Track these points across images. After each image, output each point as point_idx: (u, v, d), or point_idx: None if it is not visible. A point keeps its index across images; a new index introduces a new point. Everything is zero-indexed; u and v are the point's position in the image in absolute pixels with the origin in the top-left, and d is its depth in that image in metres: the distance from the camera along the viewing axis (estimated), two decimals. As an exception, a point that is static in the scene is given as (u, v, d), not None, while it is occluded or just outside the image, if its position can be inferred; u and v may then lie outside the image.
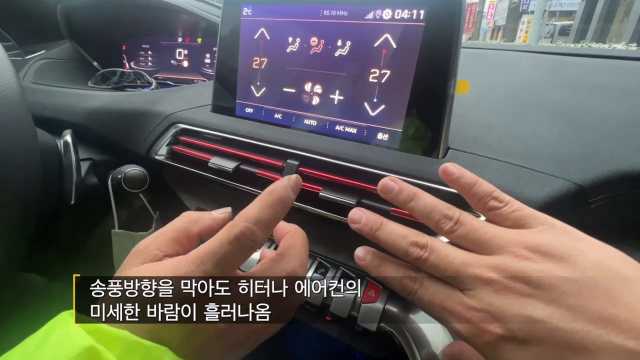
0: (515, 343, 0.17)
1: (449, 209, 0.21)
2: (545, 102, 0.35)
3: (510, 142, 0.30)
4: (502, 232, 0.19)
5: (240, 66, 0.39)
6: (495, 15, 11.61)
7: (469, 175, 0.22)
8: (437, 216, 0.21)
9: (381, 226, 0.22)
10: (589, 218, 0.30)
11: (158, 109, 0.46)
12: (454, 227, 0.20)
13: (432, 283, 0.20)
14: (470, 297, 0.18)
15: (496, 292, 0.18)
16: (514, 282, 0.17)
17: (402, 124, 0.31)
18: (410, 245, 0.20)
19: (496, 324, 0.17)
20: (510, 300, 0.17)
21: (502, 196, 0.21)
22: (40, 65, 0.65)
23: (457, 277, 0.19)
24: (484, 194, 0.21)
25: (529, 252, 0.18)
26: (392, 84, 0.31)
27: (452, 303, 0.19)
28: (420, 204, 0.22)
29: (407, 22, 0.29)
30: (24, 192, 0.29)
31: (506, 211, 0.21)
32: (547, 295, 0.17)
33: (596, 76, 0.39)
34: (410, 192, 0.22)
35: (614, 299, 0.16)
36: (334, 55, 0.33)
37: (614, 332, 0.15)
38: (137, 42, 0.74)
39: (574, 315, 0.16)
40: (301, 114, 0.36)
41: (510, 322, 0.17)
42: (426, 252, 0.20)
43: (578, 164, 0.28)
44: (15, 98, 0.29)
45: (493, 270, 0.18)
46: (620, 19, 6.05)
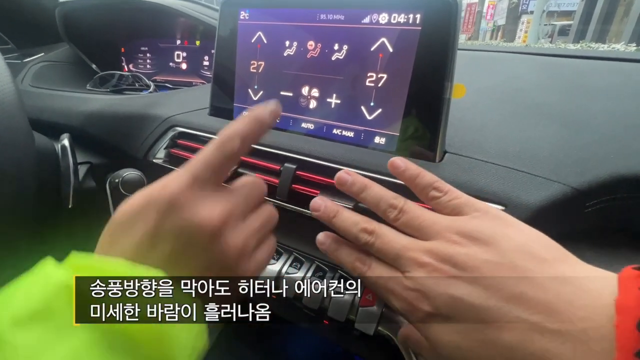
0: (441, 319, 0.19)
1: (395, 198, 0.23)
2: (542, 105, 0.35)
3: (506, 146, 0.30)
4: (440, 219, 0.22)
5: (237, 69, 0.39)
6: (494, 16, 11.62)
7: (413, 168, 0.24)
8: (384, 205, 0.23)
9: (337, 214, 0.25)
10: (584, 221, 0.30)
11: (156, 112, 0.46)
12: (398, 215, 0.23)
13: (378, 266, 0.23)
14: (407, 278, 0.21)
15: (428, 273, 0.20)
16: (444, 264, 0.20)
17: (399, 128, 0.31)
18: (360, 231, 0.23)
19: (426, 302, 0.19)
20: (439, 280, 0.19)
21: (442, 186, 0.23)
22: (38, 68, 0.65)
23: (398, 260, 0.21)
24: (425, 184, 0.23)
25: (459, 237, 0.20)
26: (388, 87, 0.31)
27: (392, 283, 0.21)
28: (370, 194, 0.24)
29: (404, 27, 0.29)
30: (21, 196, 0.29)
31: (445, 200, 0.23)
32: (469, 276, 0.19)
33: (593, 79, 0.39)
34: (362, 183, 0.25)
35: (528, 279, 0.18)
36: (330, 59, 0.33)
37: (521, 308, 0.17)
38: (135, 44, 0.74)
39: (489, 293, 0.18)
40: (298, 118, 0.36)
41: (436, 300, 0.19)
42: (373, 237, 0.22)
43: (574, 168, 0.28)
44: (12, 102, 0.29)
45: (427, 254, 0.20)
46: (620, 19, 6.05)
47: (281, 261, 0.39)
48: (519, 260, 0.18)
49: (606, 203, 0.28)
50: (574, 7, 8.25)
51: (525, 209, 0.26)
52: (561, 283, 0.17)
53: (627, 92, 0.36)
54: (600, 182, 0.27)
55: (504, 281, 0.18)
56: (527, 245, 0.19)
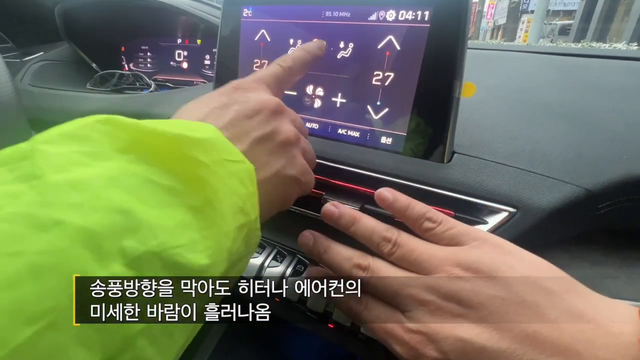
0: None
1: (387, 230, 0.22)
2: (552, 104, 0.35)
3: (516, 146, 0.30)
4: (437, 251, 0.20)
5: (240, 68, 0.39)
6: (495, 15, 11.60)
7: (403, 199, 0.23)
8: (377, 239, 0.22)
9: (327, 248, 0.23)
10: (596, 223, 0.29)
11: (157, 111, 0.45)
12: (392, 249, 0.21)
13: (375, 304, 0.21)
14: (408, 318, 0.19)
15: (431, 312, 0.18)
16: (447, 302, 0.18)
17: (406, 128, 0.30)
18: (353, 267, 0.21)
19: (431, 346, 0.18)
20: (443, 320, 0.18)
21: (435, 216, 0.22)
22: (38, 67, 0.64)
23: (396, 297, 0.20)
24: (417, 216, 0.22)
25: (461, 270, 0.19)
26: (395, 86, 0.30)
27: (392, 325, 0.20)
28: (360, 228, 0.23)
29: (412, 24, 0.29)
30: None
31: (440, 230, 0.21)
32: (476, 315, 0.17)
33: (604, 78, 0.38)
34: (350, 216, 0.24)
35: (539, 315, 0.17)
36: (336, 58, 0.33)
37: (537, 350, 0.16)
38: (136, 43, 0.74)
39: (500, 334, 0.17)
40: (303, 117, 0.36)
41: (443, 344, 0.18)
42: (367, 274, 0.21)
43: (587, 169, 0.27)
44: (10, 101, 0.28)
45: (428, 291, 0.19)
46: (621, 19, 6.04)
47: (284, 264, 0.38)
48: (527, 294, 0.17)
49: (619, 204, 0.28)
50: (574, 6, 8.24)
51: (537, 211, 0.25)
52: (575, 318, 0.16)
53: (638, 91, 0.35)
54: (614, 183, 0.26)
55: (514, 319, 0.17)
56: (533, 276, 0.18)
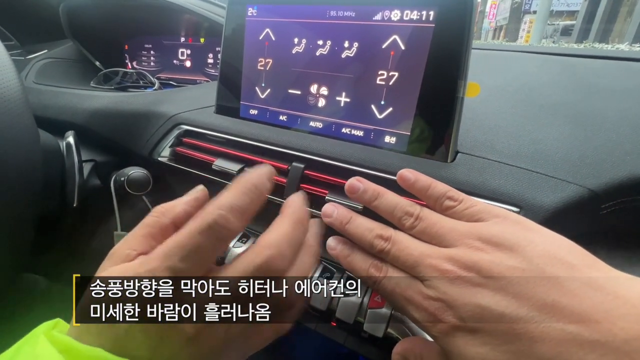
0: (467, 332, 0.18)
1: (411, 206, 0.22)
2: (555, 104, 0.35)
3: (520, 146, 0.30)
4: (459, 225, 0.21)
5: (244, 67, 0.39)
6: (497, 15, 11.57)
7: (424, 179, 0.24)
8: (400, 213, 0.22)
9: (350, 220, 0.23)
10: (599, 224, 0.29)
11: (161, 110, 0.46)
12: (414, 222, 0.22)
13: (395, 273, 0.21)
14: (427, 286, 0.19)
15: (450, 281, 0.18)
16: (467, 272, 0.18)
17: (410, 127, 0.31)
18: (375, 237, 0.22)
19: (450, 312, 0.18)
20: (463, 289, 0.18)
21: (456, 195, 0.22)
22: (42, 65, 0.64)
23: (417, 267, 0.20)
24: (439, 195, 0.23)
25: (481, 243, 0.19)
26: (400, 86, 0.30)
27: (411, 292, 0.20)
28: (383, 202, 0.23)
29: (416, 24, 0.29)
30: (26, 194, 0.29)
31: (460, 208, 0.22)
32: (496, 284, 0.18)
33: (606, 78, 0.38)
34: (374, 191, 0.24)
35: (558, 286, 0.17)
36: (340, 57, 0.33)
37: (555, 318, 0.16)
38: (139, 41, 0.74)
39: (519, 302, 0.17)
40: (306, 116, 0.36)
41: (461, 310, 0.18)
42: (389, 244, 0.21)
43: (590, 169, 0.27)
44: (17, 99, 0.28)
45: (448, 261, 0.19)
46: (623, 19, 6.02)
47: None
48: (547, 266, 0.17)
49: (622, 205, 0.28)
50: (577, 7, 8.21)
51: (540, 211, 0.25)
52: (595, 290, 0.16)
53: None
54: (617, 183, 0.26)
55: (533, 288, 0.17)
56: (554, 250, 0.18)
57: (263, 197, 0.20)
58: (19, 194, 0.28)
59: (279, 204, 0.35)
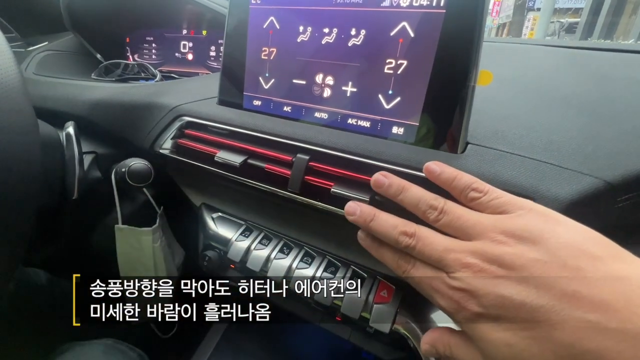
0: (490, 319, 0.19)
1: (435, 199, 0.23)
2: (567, 95, 0.34)
3: (532, 137, 0.29)
4: (482, 219, 0.21)
5: (248, 57, 0.38)
6: (500, 12, 11.49)
7: (450, 171, 0.24)
8: (424, 206, 0.23)
9: (374, 217, 0.24)
10: (614, 217, 0.28)
11: (163, 101, 0.45)
12: (439, 216, 0.22)
13: (422, 265, 0.22)
14: (452, 278, 0.20)
15: (474, 274, 0.19)
16: (490, 264, 0.19)
17: (419, 118, 0.30)
18: (400, 234, 0.23)
19: (473, 302, 0.19)
20: (486, 281, 0.19)
21: (481, 186, 0.23)
22: (42, 57, 0.63)
23: (441, 261, 0.21)
24: (464, 187, 0.23)
25: (505, 236, 0.20)
26: (408, 75, 0.30)
27: (437, 283, 0.21)
28: (408, 196, 0.24)
29: (426, 10, 0.28)
30: (25, 185, 0.28)
31: (485, 200, 0.22)
32: (518, 275, 0.18)
33: (618, 71, 0.37)
34: (399, 185, 0.25)
35: (580, 277, 0.17)
36: (347, 45, 0.32)
37: (575, 306, 0.17)
38: (140, 34, 0.73)
39: (540, 292, 0.17)
40: (312, 107, 0.35)
41: (484, 300, 0.19)
42: (414, 241, 0.22)
43: (606, 161, 0.26)
44: (16, 87, 0.27)
45: (472, 255, 0.20)
46: (628, 16, 5.96)
47: (291, 256, 0.38)
48: (570, 259, 0.18)
49: (638, 198, 0.27)
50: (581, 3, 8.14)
51: (555, 204, 0.24)
52: (617, 280, 0.17)
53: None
54: (634, 175, 0.26)
55: (555, 280, 0.17)
56: (578, 242, 0.18)
57: None
58: (17, 186, 0.27)
59: (282, 196, 0.35)
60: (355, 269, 0.35)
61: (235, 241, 0.40)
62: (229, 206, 0.45)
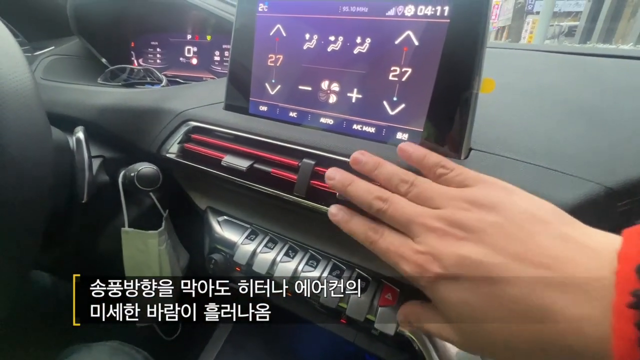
0: (450, 280, 0.20)
1: (406, 174, 0.25)
2: (568, 101, 0.34)
3: (534, 143, 0.30)
4: (448, 190, 0.23)
5: (254, 63, 0.39)
6: (499, 16, 11.53)
7: (421, 150, 0.26)
8: (396, 180, 0.25)
9: (352, 182, 0.26)
10: (614, 222, 0.29)
11: (169, 106, 0.45)
12: (409, 188, 0.24)
13: (390, 233, 0.24)
14: (418, 242, 0.22)
15: (438, 237, 0.21)
16: (453, 228, 0.21)
17: (423, 124, 0.30)
18: (374, 198, 0.24)
19: (436, 264, 0.21)
20: (448, 242, 0.21)
21: (448, 164, 0.25)
22: (49, 61, 0.64)
23: (409, 225, 0.22)
24: (432, 164, 0.25)
25: (467, 204, 0.21)
26: (413, 82, 0.30)
27: (404, 249, 0.22)
28: (382, 171, 0.26)
29: (431, 19, 0.29)
30: (38, 190, 0.29)
31: (452, 176, 0.24)
32: (477, 238, 0.20)
33: (619, 77, 0.38)
34: (375, 162, 0.27)
35: (532, 239, 0.19)
36: (352, 53, 0.33)
37: (525, 264, 0.18)
38: (145, 38, 0.74)
39: (496, 252, 0.19)
40: (317, 113, 0.36)
41: (445, 261, 0.20)
42: (386, 205, 0.24)
43: (606, 166, 0.27)
44: (31, 94, 0.28)
45: (437, 220, 0.21)
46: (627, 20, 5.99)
47: (297, 259, 0.38)
48: (524, 223, 0.19)
49: (638, 203, 0.27)
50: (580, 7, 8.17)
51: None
52: (565, 242, 0.18)
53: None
54: (635, 181, 0.26)
55: (509, 241, 0.19)
56: (531, 209, 0.20)
57: None
58: (32, 189, 0.28)
59: (287, 200, 0.35)
60: (360, 272, 0.36)
61: (241, 244, 0.41)
62: (234, 209, 0.46)
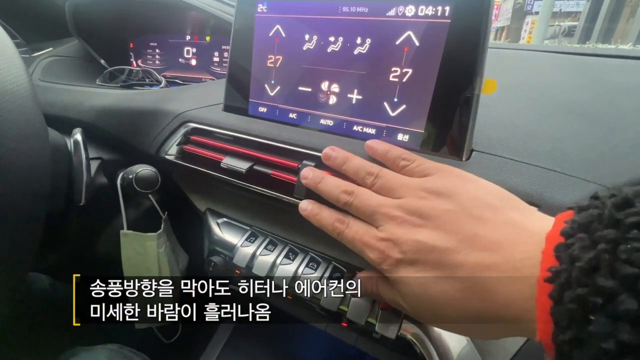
0: (408, 264, 0.22)
1: (372, 167, 0.27)
2: (570, 102, 0.34)
3: (536, 144, 0.29)
4: (409, 180, 0.25)
5: (254, 64, 0.38)
6: (499, 16, 11.54)
7: (385, 145, 0.29)
8: (363, 173, 0.27)
9: (322, 179, 0.28)
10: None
11: (168, 107, 0.45)
12: (374, 180, 0.26)
13: (355, 223, 0.25)
14: (380, 230, 0.23)
15: (398, 224, 0.23)
16: (411, 216, 0.22)
17: (424, 125, 0.30)
18: (342, 192, 0.26)
19: (396, 249, 0.22)
20: (407, 229, 0.22)
21: (410, 156, 0.27)
22: (47, 63, 0.64)
23: (373, 215, 0.24)
24: (395, 157, 0.27)
25: (425, 193, 0.23)
26: (414, 83, 0.30)
27: (368, 237, 0.24)
28: (351, 165, 0.28)
29: (432, 19, 0.28)
30: (36, 191, 0.29)
31: (413, 167, 0.26)
32: (432, 224, 0.22)
33: (621, 76, 0.37)
34: (344, 156, 0.29)
35: (481, 223, 0.20)
36: (352, 53, 0.32)
37: (473, 247, 0.20)
38: (144, 40, 0.73)
39: (448, 236, 0.21)
40: (317, 114, 0.35)
41: (404, 246, 0.22)
42: (352, 197, 0.25)
43: (609, 168, 0.27)
44: (28, 96, 0.28)
45: (398, 209, 0.23)
46: (626, 20, 6.00)
47: (297, 261, 0.38)
48: (475, 209, 0.21)
49: (641, 205, 0.27)
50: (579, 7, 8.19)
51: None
52: (510, 225, 0.20)
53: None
54: (637, 182, 0.26)
55: (461, 225, 0.21)
56: (482, 196, 0.22)
57: None
58: (29, 191, 0.27)
59: (288, 202, 0.35)
60: (360, 275, 0.35)
61: (240, 247, 0.40)
62: (234, 211, 0.45)
